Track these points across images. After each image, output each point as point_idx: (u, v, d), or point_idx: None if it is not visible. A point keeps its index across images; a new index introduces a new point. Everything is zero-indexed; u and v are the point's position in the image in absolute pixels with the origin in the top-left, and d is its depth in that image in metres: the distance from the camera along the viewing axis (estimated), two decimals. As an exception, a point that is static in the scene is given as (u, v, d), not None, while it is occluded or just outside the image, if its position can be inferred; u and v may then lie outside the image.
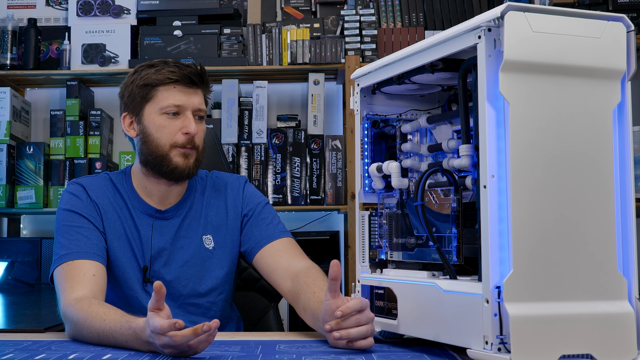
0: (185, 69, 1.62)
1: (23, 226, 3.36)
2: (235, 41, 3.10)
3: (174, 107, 1.60)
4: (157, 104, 1.61)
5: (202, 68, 1.65)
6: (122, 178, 1.71)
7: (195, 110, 1.63)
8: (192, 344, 1.20)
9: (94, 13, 3.16)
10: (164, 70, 1.61)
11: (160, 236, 1.66)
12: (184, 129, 1.60)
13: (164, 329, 1.19)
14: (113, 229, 1.64)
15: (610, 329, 1.09)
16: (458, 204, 1.22)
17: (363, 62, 3.06)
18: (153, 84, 1.61)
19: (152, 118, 1.61)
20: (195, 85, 1.63)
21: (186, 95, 1.61)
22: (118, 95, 1.69)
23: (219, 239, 1.71)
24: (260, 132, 3.11)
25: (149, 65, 1.64)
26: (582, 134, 1.12)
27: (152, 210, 1.67)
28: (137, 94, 1.63)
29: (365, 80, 1.43)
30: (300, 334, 1.55)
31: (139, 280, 1.64)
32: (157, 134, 1.61)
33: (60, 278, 1.54)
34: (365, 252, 1.43)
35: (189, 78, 1.61)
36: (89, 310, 1.41)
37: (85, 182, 1.68)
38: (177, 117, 1.61)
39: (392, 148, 1.45)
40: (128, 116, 1.66)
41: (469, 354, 1.10)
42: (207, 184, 1.75)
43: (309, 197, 3.04)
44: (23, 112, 3.24)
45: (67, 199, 1.65)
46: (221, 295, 1.70)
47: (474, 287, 1.11)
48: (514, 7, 1.08)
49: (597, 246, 1.11)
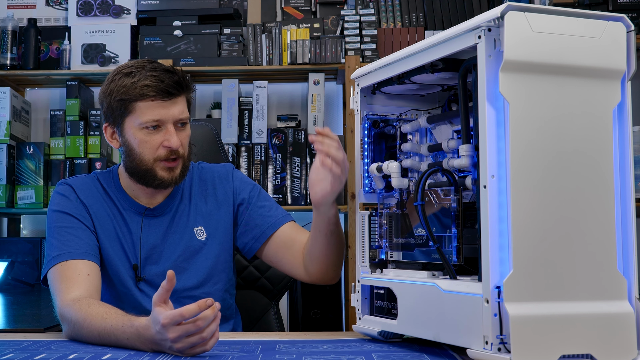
0: (162, 81, 1.55)
1: (23, 226, 3.36)
2: (235, 41, 3.10)
3: (153, 122, 1.56)
4: (136, 118, 1.57)
5: (181, 73, 1.60)
6: (110, 178, 1.70)
7: (177, 120, 1.59)
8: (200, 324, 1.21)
9: (94, 13, 3.16)
10: (140, 83, 1.55)
11: (151, 233, 1.66)
12: (166, 143, 1.58)
13: (175, 319, 1.20)
14: (104, 228, 1.64)
15: (610, 329, 1.09)
16: (458, 204, 1.22)
17: (363, 62, 3.06)
18: (130, 99, 1.56)
19: (132, 132, 1.58)
20: (174, 96, 1.58)
21: (165, 108, 1.57)
22: (98, 101, 1.67)
23: (211, 229, 1.71)
24: (260, 132, 3.11)
25: (125, 74, 1.58)
26: (582, 134, 1.12)
27: (142, 209, 1.67)
28: (115, 108, 1.59)
29: (365, 80, 1.43)
30: (300, 334, 1.55)
31: (132, 277, 1.64)
32: (140, 149, 1.59)
33: (55, 279, 1.54)
34: (365, 252, 1.43)
35: (166, 91, 1.56)
36: (89, 310, 1.41)
37: (73, 182, 1.68)
38: (159, 130, 1.58)
39: (392, 148, 1.45)
40: (109, 127, 1.64)
41: (469, 354, 1.10)
42: (194, 175, 1.75)
43: (309, 197, 3.04)
44: (23, 112, 3.24)
45: (57, 200, 1.65)
46: (217, 284, 1.70)
47: (474, 287, 1.11)
48: (514, 7, 1.08)
49: (597, 246, 1.11)
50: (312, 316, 2.96)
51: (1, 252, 3.04)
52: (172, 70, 1.59)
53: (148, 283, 1.65)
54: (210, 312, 1.21)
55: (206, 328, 1.22)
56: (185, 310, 1.20)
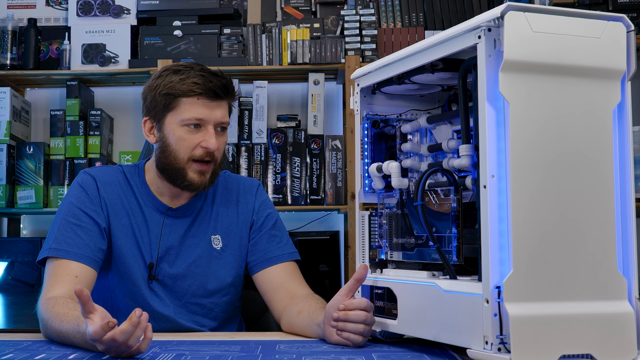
0: (210, 82, 1.57)
1: (23, 226, 3.36)
2: (235, 41, 3.10)
3: (195, 120, 1.57)
4: (179, 114, 1.58)
5: (228, 78, 1.62)
6: (135, 173, 1.70)
7: (218, 123, 1.60)
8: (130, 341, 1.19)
9: (94, 13, 3.16)
10: (189, 80, 1.57)
11: (170, 234, 1.66)
12: (204, 143, 1.58)
13: (99, 335, 1.18)
14: (119, 224, 1.64)
15: (610, 329, 1.10)
16: (458, 204, 1.22)
17: (363, 62, 3.06)
18: (176, 94, 1.57)
19: (172, 128, 1.59)
20: (219, 98, 1.59)
21: (209, 108, 1.58)
22: (141, 95, 1.66)
23: (228, 240, 1.70)
24: (260, 132, 3.11)
25: (174, 71, 1.60)
26: (582, 134, 1.12)
27: (164, 208, 1.67)
28: (159, 102, 1.60)
29: (365, 80, 1.43)
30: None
31: (144, 277, 1.63)
32: (176, 146, 1.59)
33: (46, 274, 1.55)
34: (365, 252, 1.43)
35: (213, 91, 1.57)
36: (52, 311, 1.41)
37: (96, 173, 1.67)
38: (198, 130, 1.59)
39: (392, 148, 1.45)
40: (149, 121, 1.64)
41: (469, 354, 1.10)
42: (219, 183, 1.74)
43: (309, 197, 3.04)
44: (23, 112, 3.24)
45: (75, 191, 1.64)
46: (225, 297, 1.70)
47: (474, 287, 1.11)
48: (514, 7, 1.08)
49: (597, 246, 1.11)
50: (312, 316, 2.96)
51: (1, 252, 3.04)
52: (220, 75, 1.61)
53: (160, 283, 1.64)
54: (128, 326, 1.18)
55: (130, 338, 1.19)
56: (118, 334, 1.18)
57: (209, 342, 1.42)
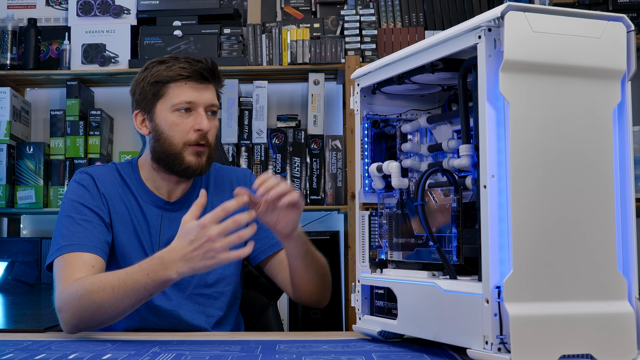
0: (196, 65, 1.61)
1: (23, 226, 3.36)
2: (235, 41, 3.10)
3: (185, 103, 1.60)
4: (168, 100, 1.61)
5: (213, 63, 1.65)
6: (129, 169, 1.71)
7: (208, 105, 1.63)
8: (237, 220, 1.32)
9: (94, 13, 3.16)
10: (175, 66, 1.61)
11: (169, 227, 1.66)
12: (197, 126, 1.60)
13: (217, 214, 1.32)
14: (121, 220, 1.64)
15: (610, 329, 1.09)
16: (458, 204, 1.22)
17: (363, 62, 3.06)
18: (164, 80, 1.61)
19: (164, 115, 1.61)
20: (207, 81, 1.63)
21: (198, 91, 1.61)
22: (129, 92, 1.69)
23: None
24: (260, 132, 3.11)
25: (159, 62, 1.64)
26: (582, 134, 1.12)
27: (162, 202, 1.68)
28: (148, 91, 1.62)
29: (365, 80, 1.43)
30: (300, 333, 1.55)
31: None
32: (170, 132, 1.61)
33: (59, 268, 1.54)
34: (365, 252, 1.43)
35: (200, 74, 1.61)
36: (95, 277, 1.44)
37: (93, 171, 1.68)
38: (190, 114, 1.61)
39: (392, 148, 1.45)
40: (140, 114, 1.66)
41: (469, 354, 1.10)
42: (210, 176, 1.76)
43: (309, 197, 3.04)
44: (23, 112, 3.24)
45: (75, 188, 1.65)
46: (229, 285, 1.71)
47: (474, 287, 1.11)
48: (514, 7, 1.08)
49: (597, 246, 1.11)
50: (312, 316, 2.97)
51: (1, 252, 3.04)
52: (206, 60, 1.65)
53: None
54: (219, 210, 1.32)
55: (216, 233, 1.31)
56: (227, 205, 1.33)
57: (209, 342, 1.42)
